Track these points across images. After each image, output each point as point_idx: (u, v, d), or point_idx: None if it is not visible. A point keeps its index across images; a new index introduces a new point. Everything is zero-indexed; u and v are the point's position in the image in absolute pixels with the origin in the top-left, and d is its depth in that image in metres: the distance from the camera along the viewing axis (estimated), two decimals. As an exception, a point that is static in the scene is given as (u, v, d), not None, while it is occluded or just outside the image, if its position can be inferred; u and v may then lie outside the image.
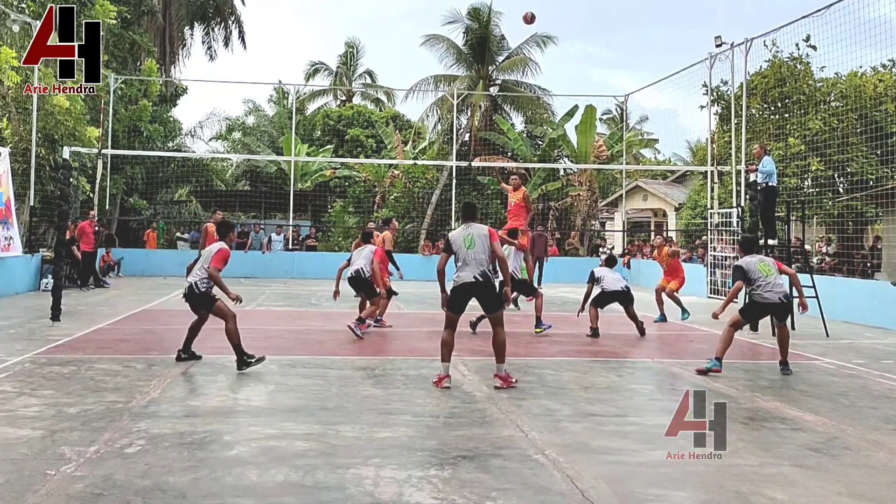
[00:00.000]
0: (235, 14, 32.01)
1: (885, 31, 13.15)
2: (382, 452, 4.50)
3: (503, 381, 6.50)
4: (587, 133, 26.28)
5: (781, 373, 7.52)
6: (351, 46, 40.03)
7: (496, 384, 6.48)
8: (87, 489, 3.75)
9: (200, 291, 7.19)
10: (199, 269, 7.31)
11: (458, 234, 6.69)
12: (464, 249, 6.52)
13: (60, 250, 11.08)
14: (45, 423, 4.96)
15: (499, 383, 6.48)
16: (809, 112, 17.26)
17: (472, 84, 27.52)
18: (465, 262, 6.51)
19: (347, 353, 8.32)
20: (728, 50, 17.38)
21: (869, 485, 4.15)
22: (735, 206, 16.90)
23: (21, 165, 15.51)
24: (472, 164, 23.99)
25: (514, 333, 10.30)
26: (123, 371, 6.82)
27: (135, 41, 22.65)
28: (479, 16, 27.28)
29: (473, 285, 6.44)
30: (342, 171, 28.18)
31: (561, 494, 3.86)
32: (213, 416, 5.26)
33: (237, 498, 3.71)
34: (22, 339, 8.64)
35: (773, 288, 7.44)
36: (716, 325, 11.67)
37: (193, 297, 7.25)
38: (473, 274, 6.43)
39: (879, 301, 11.75)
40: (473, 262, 6.47)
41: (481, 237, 6.54)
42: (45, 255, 15.44)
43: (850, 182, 17.01)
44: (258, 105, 36.77)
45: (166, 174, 25.05)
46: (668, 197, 30.31)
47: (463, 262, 6.53)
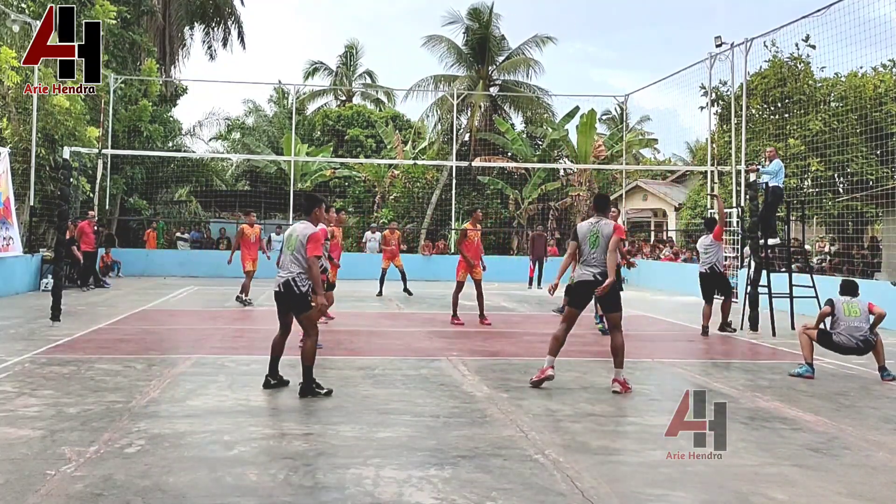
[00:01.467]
0: (235, 14, 32.00)
1: (885, 31, 13.18)
2: (382, 452, 4.50)
3: (621, 385, 6.43)
4: (587, 133, 26.30)
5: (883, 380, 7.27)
6: (351, 46, 40.02)
7: (614, 388, 6.41)
8: (87, 489, 3.75)
9: (301, 291, 6.00)
10: (291, 261, 6.07)
11: (585, 228, 6.73)
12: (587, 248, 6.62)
13: (60, 250, 11.08)
14: (45, 423, 4.96)
15: (617, 388, 6.41)
16: (809, 112, 17.26)
17: (472, 84, 27.53)
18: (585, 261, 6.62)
19: (347, 353, 8.32)
20: (728, 50, 17.38)
21: (869, 485, 4.15)
22: (735, 206, 16.90)
23: (21, 165, 15.51)
24: (472, 164, 23.99)
25: (514, 333, 10.31)
26: (123, 371, 6.82)
27: (135, 41, 22.65)
28: (480, 16, 27.29)
29: (592, 284, 6.52)
30: (342, 171, 28.19)
31: (561, 494, 3.86)
32: (213, 416, 5.26)
33: (237, 498, 3.71)
34: (22, 339, 8.64)
35: (851, 332, 7.30)
36: (715, 326, 11.68)
37: (290, 297, 6.03)
38: (593, 273, 6.53)
39: (879, 301, 11.70)
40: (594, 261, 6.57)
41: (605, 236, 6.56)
42: (45, 255, 15.45)
43: (849, 182, 17.01)
44: (258, 105, 36.81)
45: (166, 174, 25.04)
46: (667, 197, 30.29)
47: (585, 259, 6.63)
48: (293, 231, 6.19)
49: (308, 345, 6.03)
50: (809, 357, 7.37)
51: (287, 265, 6.11)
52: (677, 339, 10.34)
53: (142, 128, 22.46)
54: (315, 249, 5.95)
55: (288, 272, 6.05)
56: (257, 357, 7.78)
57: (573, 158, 27.16)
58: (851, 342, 7.33)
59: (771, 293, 10.69)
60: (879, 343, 7.37)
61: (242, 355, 7.85)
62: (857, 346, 7.35)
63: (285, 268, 6.12)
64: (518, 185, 26.84)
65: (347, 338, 9.32)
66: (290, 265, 6.07)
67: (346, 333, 9.68)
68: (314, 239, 5.98)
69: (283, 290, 6.05)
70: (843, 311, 7.42)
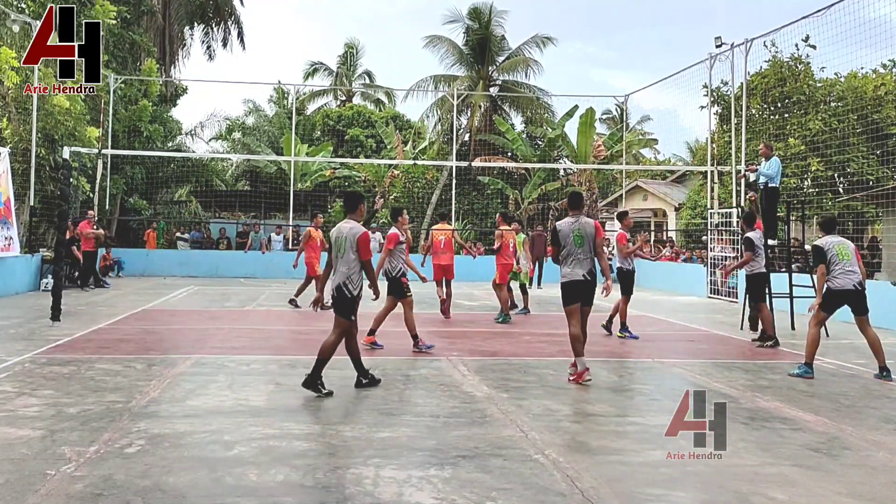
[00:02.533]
0: (235, 14, 32.01)
1: (885, 32, 13.18)
2: (382, 452, 4.50)
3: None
4: (587, 133, 26.30)
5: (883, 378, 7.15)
6: (351, 46, 40.03)
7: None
8: (87, 489, 3.75)
9: (352, 295, 6.06)
10: (341, 263, 6.11)
11: (566, 229, 6.86)
12: (573, 247, 6.79)
13: (60, 250, 11.08)
14: (45, 423, 4.96)
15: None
16: (809, 112, 17.26)
17: (472, 84, 27.54)
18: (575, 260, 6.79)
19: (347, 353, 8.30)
20: (728, 50, 17.38)
21: (869, 485, 4.15)
22: (735, 206, 16.90)
23: (21, 165, 15.51)
24: (472, 164, 24.00)
25: (513, 333, 10.30)
26: (123, 371, 6.82)
27: (135, 41, 22.65)
28: (480, 16, 27.30)
29: (583, 283, 6.76)
30: (342, 171, 28.18)
31: (561, 494, 3.86)
32: (213, 416, 5.26)
33: (237, 498, 3.71)
34: (22, 339, 8.64)
35: (848, 274, 7.12)
36: (715, 326, 11.68)
37: (342, 301, 6.07)
38: (583, 273, 6.77)
39: (879, 301, 11.72)
40: (584, 260, 6.79)
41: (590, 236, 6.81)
42: (45, 255, 15.45)
43: (849, 182, 17.01)
44: (258, 105, 36.78)
45: (166, 174, 25.04)
46: (667, 197, 30.30)
47: (574, 257, 6.80)
48: (339, 232, 6.17)
49: (330, 340, 6.10)
50: (811, 357, 7.31)
51: (337, 267, 6.15)
52: (677, 340, 10.34)
53: (142, 128, 22.46)
54: (366, 254, 6.05)
55: (341, 276, 6.09)
56: (257, 357, 7.79)
57: (573, 158, 27.16)
58: (849, 284, 7.17)
59: (771, 293, 10.68)
60: (873, 336, 7.29)
61: (242, 355, 7.84)
62: (856, 289, 7.19)
63: (337, 270, 6.14)
64: (518, 185, 26.84)
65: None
66: (341, 267, 6.11)
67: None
68: (363, 242, 6.04)
69: (336, 294, 6.12)
70: (838, 254, 7.24)
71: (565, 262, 6.84)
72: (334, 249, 6.19)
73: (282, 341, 9.05)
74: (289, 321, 11.23)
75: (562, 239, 6.83)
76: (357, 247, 6.02)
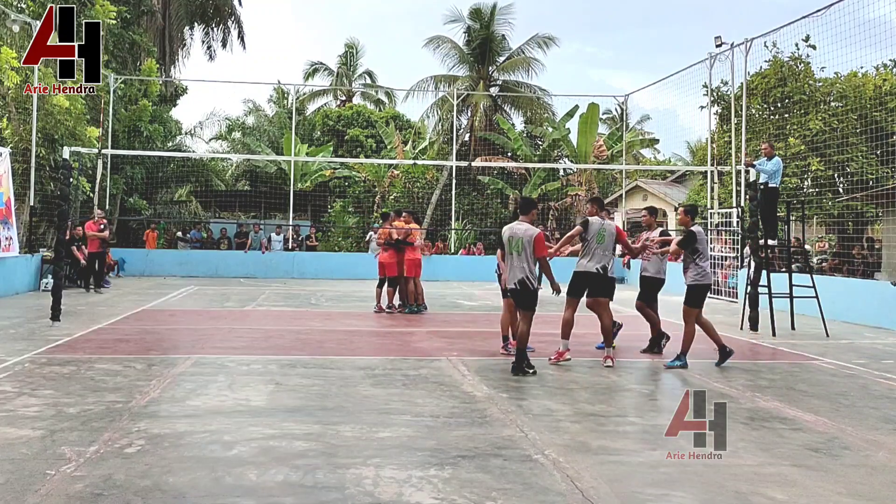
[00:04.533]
0: (235, 14, 32.00)
1: (885, 31, 13.17)
2: (382, 452, 4.50)
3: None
4: (587, 133, 26.29)
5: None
6: (351, 46, 39.99)
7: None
8: (87, 489, 3.75)
9: (533, 288, 6.96)
10: (519, 260, 6.94)
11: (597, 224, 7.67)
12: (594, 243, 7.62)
13: (60, 250, 11.08)
14: (45, 423, 4.96)
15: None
16: (809, 112, 17.25)
17: (472, 84, 27.53)
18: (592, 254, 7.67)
19: (347, 353, 8.32)
20: (728, 50, 17.38)
21: (869, 485, 4.15)
22: (735, 206, 16.90)
23: (21, 165, 15.51)
24: (472, 164, 23.99)
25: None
26: (123, 371, 6.82)
27: (135, 41, 22.64)
28: (481, 16, 27.30)
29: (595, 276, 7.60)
30: (342, 171, 28.17)
31: (561, 494, 3.86)
32: (213, 416, 5.26)
33: (237, 498, 3.71)
34: (22, 339, 8.64)
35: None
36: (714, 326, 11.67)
37: (525, 293, 6.96)
38: (596, 266, 7.58)
39: (879, 301, 11.75)
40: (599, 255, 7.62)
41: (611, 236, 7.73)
42: (45, 255, 15.45)
43: (850, 182, 17.00)
44: (258, 105, 36.78)
45: (166, 174, 25.05)
46: (667, 197, 30.27)
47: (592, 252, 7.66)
48: (513, 233, 7.02)
49: (522, 328, 6.99)
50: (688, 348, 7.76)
51: (516, 264, 6.97)
52: (677, 339, 10.31)
53: (142, 128, 22.47)
54: (541, 250, 6.94)
55: (521, 271, 6.92)
56: (257, 357, 7.79)
57: (573, 158, 27.15)
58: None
59: (771, 293, 10.68)
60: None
61: (242, 355, 7.84)
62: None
63: (517, 266, 6.96)
64: (518, 185, 26.83)
65: (347, 337, 9.32)
66: (521, 264, 6.93)
67: (346, 333, 9.68)
68: (539, 240, 6.93)
69: (518, 287, 6.96)
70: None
71: (583, 255, 7.69)
72: (508, 247, 7.06)
73: (281, 341, 9.04)
74: (288, 321, 11.23)
75: (589, 232, 7.61)
76: (534, 245, 6.89)
